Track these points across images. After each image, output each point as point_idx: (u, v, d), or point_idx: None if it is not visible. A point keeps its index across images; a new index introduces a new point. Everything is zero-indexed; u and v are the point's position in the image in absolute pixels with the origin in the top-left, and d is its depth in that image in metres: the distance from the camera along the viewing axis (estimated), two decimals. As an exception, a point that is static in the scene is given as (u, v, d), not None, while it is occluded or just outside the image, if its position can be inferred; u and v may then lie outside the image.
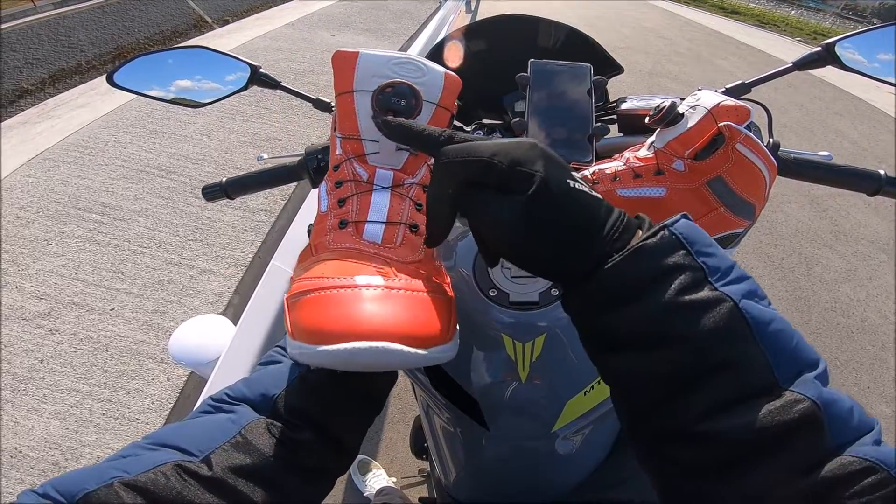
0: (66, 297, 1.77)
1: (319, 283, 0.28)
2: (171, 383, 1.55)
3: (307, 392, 0.31)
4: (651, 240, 0.23)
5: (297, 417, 0.30)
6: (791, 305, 2.31)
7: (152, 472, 0.25)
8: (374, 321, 0.25)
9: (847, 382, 1.95)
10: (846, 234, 2.87)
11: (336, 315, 0.25)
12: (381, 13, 5.72)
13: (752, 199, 0.44)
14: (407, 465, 1.51)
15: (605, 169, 0.48)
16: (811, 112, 4.57)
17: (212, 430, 0.29)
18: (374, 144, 0.36)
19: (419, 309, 0.27)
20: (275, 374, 0.33)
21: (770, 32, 8.37)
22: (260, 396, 0.32)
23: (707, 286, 0.22)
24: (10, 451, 1.36)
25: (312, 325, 0.26)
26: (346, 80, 0.36)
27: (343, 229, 0.33)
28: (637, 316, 0.22)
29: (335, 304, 0.26)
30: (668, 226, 0.24)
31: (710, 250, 0.24)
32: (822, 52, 0.53)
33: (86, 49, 5.37)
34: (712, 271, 0.23)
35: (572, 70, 0.55)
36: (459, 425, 0.57)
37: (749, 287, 0.23)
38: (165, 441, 0.28)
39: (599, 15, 7.51)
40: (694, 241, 0.23)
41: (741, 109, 0.42)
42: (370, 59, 0.36)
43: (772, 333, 0.21)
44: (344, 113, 0.37)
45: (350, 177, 0.35)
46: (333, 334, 0.25)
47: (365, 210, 0.34)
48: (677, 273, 0.22)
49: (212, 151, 2.61)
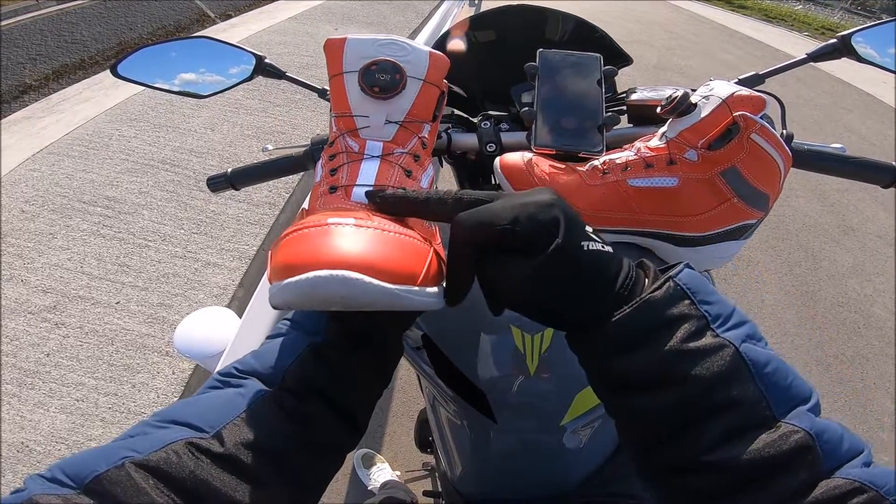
0: (71, 290, 1.77)
1: (295, 227, 0.28)
2: (177, 377, 1.55)
3: (317, 363, 0.31)
4: (657, 292, 0.25)
5: (307, 389, 0.30)
6: (798, 300, 2.29)
7: (164, 451, 0.25)
8: (336, 252, 0.25)
9: (853, 378, 1.94)
10: (854, 229, 2.85)
11: (303, 249, 0.26)
12: (384, 6, 5.68)
13: (767, 189, 0.44)
14: (411, 459, 1.51)
15: (616, 159, 0.48)
16: (820, 106, 4.53)
17: (222, 406, 0.28)
18: (364, 119, 0.38)
19: (388, 244, 0.27)
20: (284, 347, 0.32)
21: (777, 27, 8.27)
22: (269, 369, 0.31)
23: (710, 333, 0.24)
24: (16, 446, 1.36)
25: (282, 261, 0.26)
26: (337, 63, 0.39)
27: (333, 194, 0.35)
28: (645, 361, 0.24)
29: (304, 240, 0.26)
30: (672, 276, 0.26)
31: (711, 298, 0.26)
32: (838, 44, 0.53)
33: (89, 44, 5.37)
34: (714, 318, 0.25)
35: (582, 60, 0.55)
36: (466, 418, 0.57)
37: (748, 331, 0.25)
38: (175, 418, 0.27)
39: (605, 10, 7.45)
40: (697, 291, 0.25)
41: (756, 99, 0.42)
42: (356, 42, 0.39)
43: (769, 374, 0.24)
44: (336, 93, 0.39)
45: (343, 149, 0.38)
46: (298, 266, 0.24)
47: (354, 176, 0.36)
48: (682, 322, 0.24)
49: (216, 145, 2.61)
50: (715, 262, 0.50)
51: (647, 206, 0.46)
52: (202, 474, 0.24)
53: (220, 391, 0.30)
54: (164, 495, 0.23)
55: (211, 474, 0.25)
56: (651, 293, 0.25)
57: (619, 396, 0.26)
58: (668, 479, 0.25)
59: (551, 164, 0.49)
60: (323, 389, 0.30)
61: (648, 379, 0.24)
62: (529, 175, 0.48)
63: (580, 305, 0.26)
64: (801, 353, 2.02)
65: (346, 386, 0.32)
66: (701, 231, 0.46)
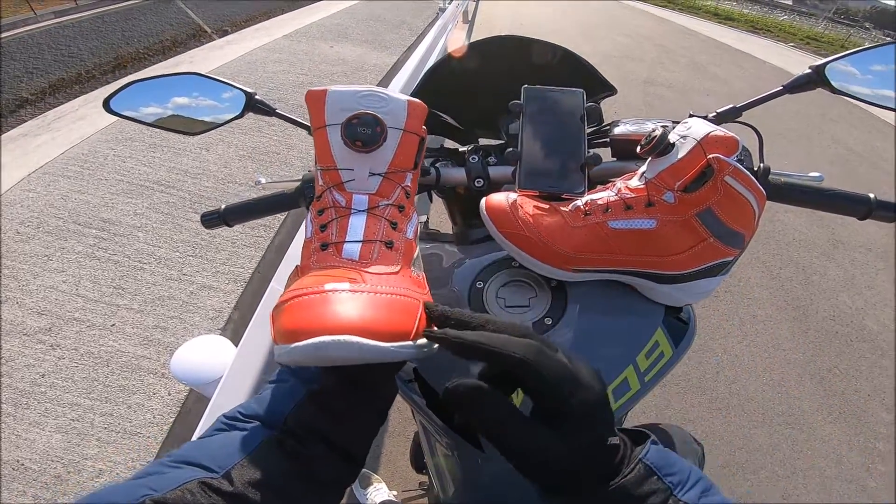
0: (66, 312, 1.77)
1: (295, 293, 0.31)
2: (173, 398, 1.56)
3: (316, 408, 0.33)
4: (630, 476, 0.29)
5: (308, 432, 0.32)
6: (790, 315, 2.31)
7: (179, 490, 0.26)
8: (336, 318, 0.28)
9: (847, 390, 1.96)
10: (843, 243, 2.88)
11: (305, 316, 0.29)
12: (379, 24, 5.76)
13: (742, 229, 0.45)
14: (407, 479, 1.51)
15: (598, 199, 0.49)
16: (807, 118, 4.62)
17: (229, 448, 0.30)
18: (349, 172, 0.39)
19: (382, 307, 0.30)
20: (284, 393, 0.35)
21: (764, 38, 8.45)
22: (271, 414, 0.33)
23: (672, 499, 0.29)
24: (11, 464, 1.36)
25: (287, 327, 0.29)
26: (319, 115, 0.39)
27: (325, 251, 0.36)
28: None
29: (306, 307, 0.29)
30: (641, 459, 0.30)
31: (674, 469, 0.30)
32: (812, 75, 0.54)
33: (86, 59, 5.39)
34: (676, 486, 0.29)
35: (565, 96, 0.56)
36: (456, 448, 0.58)
37: (703, 487, 0.30)
38: (187, 459, 0.29)
39: (596, 23, 7.58)
40: (661, 466, 0.30)
41: (730, 141, 0.43)
42: (337, 94, 0.39)
43: None
44: (321, 146, 0.39)
45: (330, 204, 0.38)
46: (302, 332, 0.27)
47: (343, 232, 0.37)
48: (650, 496, 0.28)
49: (210, 165, 2.62)
50: (695, 297, 0.51)
51: (627, 247, 0.47)
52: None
53: (228, 433, 0.32)
54: None
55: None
56: (625, 477, 0.29)
57: None
58: None
59: (535, 204, 0.50)
60: (322, 432, 0.32)
61: None
62: (514, 217, 0.49)
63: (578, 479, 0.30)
64: (795, 367, 2.04)
65: (344, 428, 0.33)
66: (680, 269, 0.48)
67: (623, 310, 0.54)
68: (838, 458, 1.70)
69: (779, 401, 1.88)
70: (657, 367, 0.54)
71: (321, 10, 6.37)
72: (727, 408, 1.83)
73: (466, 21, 5.97)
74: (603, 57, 5.98)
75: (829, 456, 1.71)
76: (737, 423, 1.78)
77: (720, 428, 1.75)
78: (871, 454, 1.73)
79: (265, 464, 0.30)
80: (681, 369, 1.95)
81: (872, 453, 1.73)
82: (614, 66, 5.67)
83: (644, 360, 0.53)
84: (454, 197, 0.75)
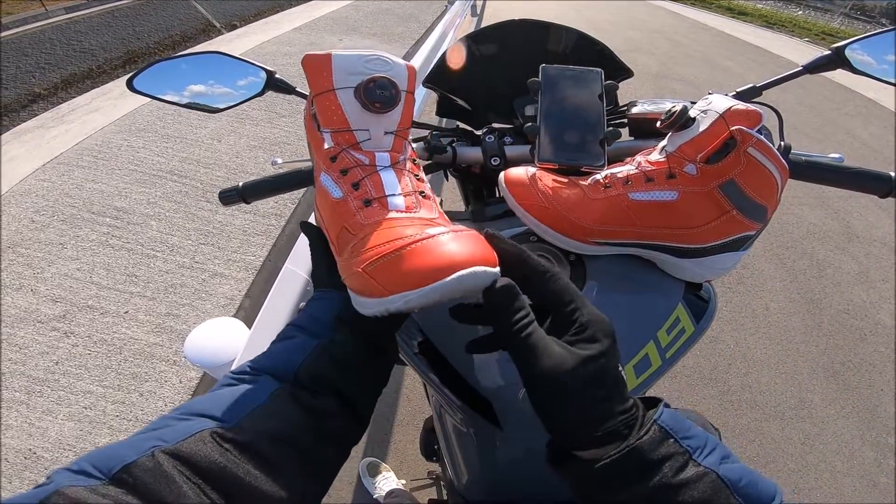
0: (80, 300, 1.79)
1: (403, 243, 0.32)
2: (184, 385, 1.57)
3: (328, 359, 0.33)
4: (645, 437, 0.28)
5: (320, 385, 0.32)
6: (803, 308, 2.29)
7: (191, 440, 0.26)
8: (461, 254, 0.31)
9: (860, 385, 1.94)
10: (858, 236, 2.85)
11: (434, 258, 0.31)
12: (388, 17, 5.75)
13: (765, 202, 0.44)
14: (416, 468, 1.52)
15: (618, 173, 0.49)
16: (822, 113, 4.54)
17: (239, 399, 0.30)
18: (364, 133, 0.39)
19: (475, 242, 0.33)
20: (294, 347, 0.35)
21: (778, 33, 8.32)
22: (282, 367, 0.33)
23: (692, 464, 0.28)
24: (24, 452, 1.38)
25: (420, 269, 0.30)
26: (324, 80, 0.39)
27: (369, 207, 0.37)
28: (640, 493, 0.27)
29: (428, 250, 0.31)
30: (655, 420, 0.29)
31: (690, 433, 0.29)
32: (832, 56, 0.53)
33: (97, 54, 5.44)
34: (694, 451, 0.28)
35: (583, 75, 0.55)
36: (472, 426, 0.58)
37: (721, 454, 0.29)
38: (196, 410, 0.29)
39: (606, 18, 7.51)
40: (677, 430, 0.29)
41: (752, 113, 0.42)
42: (343, 59, 0.39)
43: (743, 486, 0.28)
44: (328, 110, 0.40)
45: (353, 163, 0.39)
46: (439, 270, 0.30)
47: (380, 187, 0.38)
48: (668, 459, 0.28)
49: (222, 156, 2.64)
50: (716, 272, 0.51)
51: (648, 219, 0.47)
52: (227, 462, 0.26)
53: (236, 387, 0.32)
54: (192, 483, 0.24)
55: (235, 463, 0.26)
56: (639, 439, 0.28)
57: None
58: None
59: (554, 178, 0.50)
60: (333, 385, 0.33)
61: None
62: (533, 189, 0.49)
63: (593, 410, 0.29)
64: (807, 360, 2.02)
65: (354, 382, 0.34)
66: (701, 243, 0.47)
67: (643, 285, 0.53)
68: (850, 454, 1.69)
69: (791, 394, 1.87)
70: (678, 342, 0.54)
71: (330, 4, 6.37)
72: (739, 400, 1.82)
73: (475, 15, 5.94)
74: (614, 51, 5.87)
75: (840, 451, 1.70)
76: (749, 416, 1.77)
77: (731, 420, 1.74)
78: (883, 449, 1.71)
79: (277, 414, 0.30)
80: (692, 360, 1.94)
81: (885, 448, 1.71)
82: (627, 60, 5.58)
83: (665, 336, 0.53)
84: (469, 176, 0.75)
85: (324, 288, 0.40)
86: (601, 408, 0.29)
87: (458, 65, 0.77)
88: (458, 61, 0.77)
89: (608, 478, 0.28)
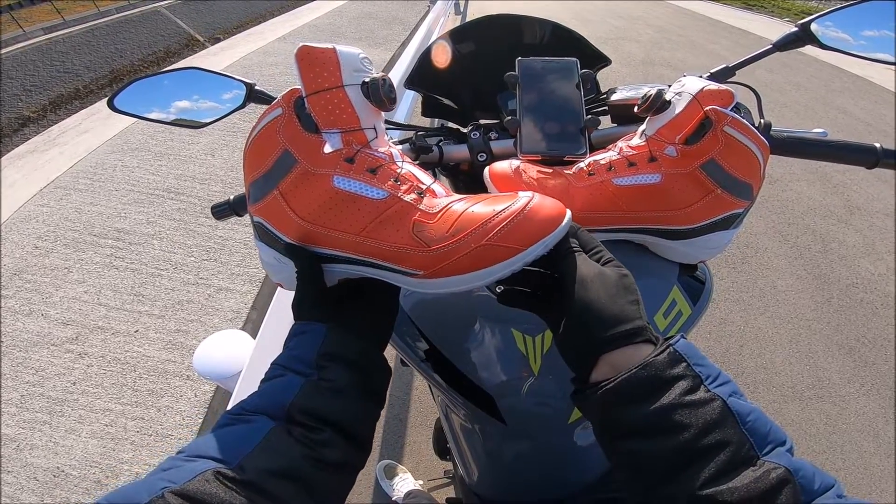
0: (91, 321, 1.81)
1: (518, 206, 0.36)
2: (199, 399, 1.59)
3: (316, 394, 0.35)
4: (660, 356, 0.30)
5: (314, 419, 0.33)
6: (811, 284, 2.26)
7: (196, 481, 0.28)
8: (557, 205, 0.37)
9: (878, 360, 1.92)
10: (860, 209, 2.81)
11: (550, 209, 0.36)
12: (371, 22, 5.74)
13: (748, 179, 0.45)
14: (432, 467, 1.52)
15: (600, 160, 0.49)
16: (810, 90, 4.57)
17: (238, 440, 0.32)
18: (371, 132, 0.39)
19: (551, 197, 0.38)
20: (283, 385, 0.35)
21: (759, 14, 8.38)
22: (274, 406, 0.34)
23: (702, 388, 0.29)
24: (52, 471, 1.40)
25: (546, 219, 0.35)
26: (330, 75, 0.37)
27: (423, 196, 0.38)
28: (650, 411, 0.29)
29: (542, 206, 0.36)
30: (672, 344, 0.31)
31: (703, 362, 0.31)
32: (799, 32, 0.53)
33: (82, 74, 5.40)
34: (706, 377, 0.30)
35: (559, 65, 0.56)
36: (477, 422, 0.58)
37: (732, 388, 0.30)
38: (199, 452, 0.31)
39: (589, 8, 7.54)
40: (691, 356, 0.31)
41: (724, 93, 0.43)
42: (348, 55, 0.38)
43: (751, 421, 0.28)
44: (335, 108, 0.37)
45: (378, 161, 0.38)
46: (556, 218, 0.36)
47: (415, 179, 0.39)
48: (680, 380, 0.29)
49: (217, 170, 2.63)
50: (708, 252, 0.51)
51: (634, 203, 0.47)
52: (231, 500, 0.28)
53: (234, 427, 0.33)
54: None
55: (238, 499, 0.28)
56: (654, 357, 0.30)
57: (622, 442, 0.31)
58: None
59: (539, 169, 0.50)
60: (326, 417, 0.34)
61: (651, 426, 0.29)
62: (518, 182, 0.49)
63: (619, 311, 0.33)
64: (821, 338, 1.99)
65: (348, 412, 0.35)
66: (689, 224, 0.47)
67: (636, 269, 0.54)
68: (875, 432, 1.66)
69: (807, 373, 1.84)
70: (677, 325, 0.55)
71: (313, 10, 6.35)
72: (755, 382, 1.80)
73: (459, 13, 5.95)
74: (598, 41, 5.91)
75: (865, 430, 1.67)
76: (766, 398, 1.75)
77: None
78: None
79: (275, 451, 0.31)
80: (702, 343, 1.93)
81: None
82: (612, 48, 5.63)
83: (662, 320, 0.54)
84: (458, 174, 0.75)
85: (306, 320, 0.38)
86: (631, 308, 0.33)
87: (438, 64, 0.76)
88: (437, 61, 0.76)
89: (623, 396, 0.30)
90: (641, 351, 0.31)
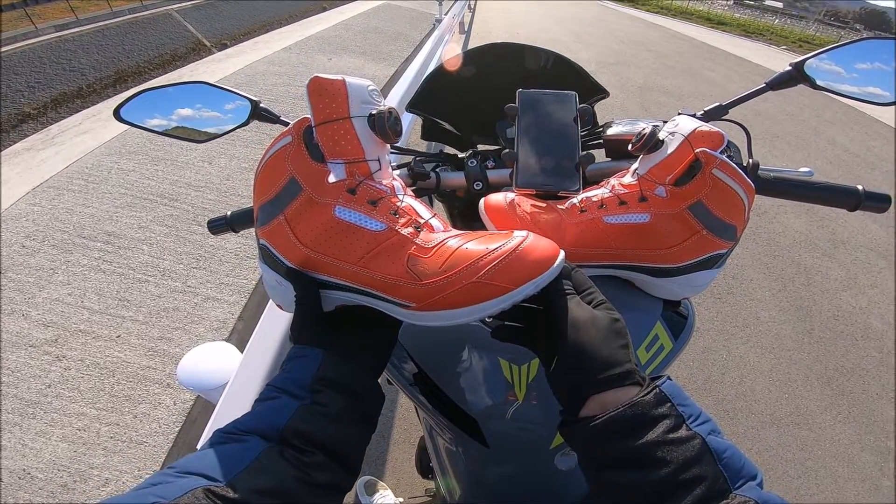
0: (72, 324, 1.78)
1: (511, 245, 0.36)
2: (178, 407, 1.56)
3: (310, 418, 0.35)
4: (647, 396, 0.32)
5: (306, 442, 0.34)
6: (793, 315, 2.31)
7: (186, 497, 0.28)
8: (552, 246, 0.38)
9: (855, 390, 1.95)
10: (844, 242, 2.89)
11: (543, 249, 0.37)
12: (377, 36, 5.82)
13: (733, 220, 0.46)
14: (413, 485, 1.51)
15: (592, 197, 0.50)
16: (802, 121, 4.65)
17: (230, 458, 0.32)
18: (375, 163, 0.39)
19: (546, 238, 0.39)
20: (277, 407, 0.36)
21: (756, 42, 8.54)
22: (267, 427, 0.35)
23: (684, 427, 0.31)
24: (17, 473, 1.36)
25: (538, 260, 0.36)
26: (338, 106, 0.38)
27: (420, 230, 0.38)
28: (635, 446, 0.31)
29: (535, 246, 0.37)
30: (658, 385, 0.33)
31: (686, 402, 0.33)
32: (792, 72, 0.54)
33: (87, 73, 5.44)
34: (688, 417, 0.32)
35: (558, 98, 0.57)
36: (461, 444, 0.59)
37: (711, 427, 0.32)
38: (190, 469, 0.31)
39: (590, 31, 7.67)
40: (675, 396, 0.33)
41: (715, 135, 0.44)
42: (356, 87, 0.39)
43: (726, 458, 0.30)
44: (341, 139, 0.38)
45: (379, 194, 0.39)
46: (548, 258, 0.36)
47: (415, 213, 0.39)
48: (664, 419, 0.31)
49: (213, 178, 2.64)
50: (691, 289, 0.52)
51: (622, 241, 0.48)
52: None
53: (226, 446, 0.33)
54: None
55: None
56: (642, 397, 0.32)
57: (605, 473, 0.32)
58: None
59: (533, 203, 0.51)
60: (318, 441, 0.35)
61: (634, 460, 0.31)
62: (512, 215, 0.50)
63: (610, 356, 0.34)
64: (800, 368, 2.04)
65: (340, 437, 0.36)
66: (675, 262, 0.48)
67: (621, 304, 0.55)
68: (850, 458, 1.70)
69: (786, 401, 1.88)
70: (658, 359, 0.56)
71: (322, 21, 6.44)
72: (735, 409, 1.83)
73: (463, 32, 6.04)
74: (598, 65, 6.05)
75: (840, 456, 1.71)
76: (745, 424, 1.78)
77: (728, 428, 1.75)
78: (883, 453, 1.72)
79: (267, 471, 0.31)
80: (685, 371, 1.95)
81: (884, 452, 1.73)
82: (611, 73, 5.73)
83: (644, 354, 0.55)
84: (454, 200, 0.77)
85: (304, 344, 0.39)
86: (622, 352, 0.35)
87: (441, 89, 0.78)
88: (441, 86, 0.78)
89: (610, 431, 0.32)
90: (629, 392, 0.33)
